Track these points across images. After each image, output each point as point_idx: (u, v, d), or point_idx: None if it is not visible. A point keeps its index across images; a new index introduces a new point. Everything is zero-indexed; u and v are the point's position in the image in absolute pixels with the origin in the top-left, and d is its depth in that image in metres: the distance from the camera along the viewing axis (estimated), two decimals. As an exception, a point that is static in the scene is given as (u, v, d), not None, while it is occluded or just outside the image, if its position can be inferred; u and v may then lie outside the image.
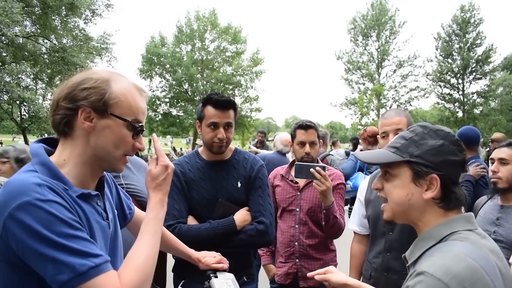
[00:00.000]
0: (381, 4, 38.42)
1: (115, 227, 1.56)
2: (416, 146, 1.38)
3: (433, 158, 1.35)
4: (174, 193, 2.51)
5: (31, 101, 19.75)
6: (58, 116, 1.37)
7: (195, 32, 36.94)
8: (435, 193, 1.34)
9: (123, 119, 1.39)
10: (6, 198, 1.19)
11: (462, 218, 1.36)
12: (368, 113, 37.43)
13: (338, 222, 2.96)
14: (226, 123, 2.49)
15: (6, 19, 16.20)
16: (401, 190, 1.39)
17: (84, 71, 1.43)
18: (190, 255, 2.11)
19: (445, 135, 1.39)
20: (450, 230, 1.33)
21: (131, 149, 1.45)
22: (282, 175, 3.28)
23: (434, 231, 1.35)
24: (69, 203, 1.25)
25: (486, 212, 2.63)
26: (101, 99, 1.35)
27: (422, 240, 1.37)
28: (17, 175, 1.29)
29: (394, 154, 1.41)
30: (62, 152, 1.39)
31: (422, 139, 1.38)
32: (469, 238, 1.29)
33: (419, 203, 1.37)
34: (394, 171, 1.41)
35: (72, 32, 24.14)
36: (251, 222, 2.48)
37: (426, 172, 1.34)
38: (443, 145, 1.36)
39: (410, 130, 1.45)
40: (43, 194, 1.19)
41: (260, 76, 37.46)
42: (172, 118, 37.28)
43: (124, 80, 1.44)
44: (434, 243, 1.33)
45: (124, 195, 1.79)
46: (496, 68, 36.59)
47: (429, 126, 1.42)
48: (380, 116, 2.81)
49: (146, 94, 1.51)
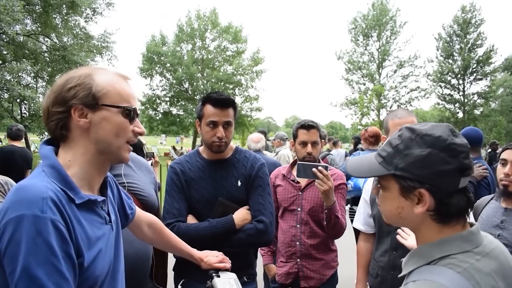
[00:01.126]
0: (382, 4, 38.48)
1: (117, 229, 1.55)
2: (401, 158, 1.21)
3: (418, 171, 1.18)
4: (174, 192, 2.51)
5: (32, 100, 19.75)
6: (52, 122, 1.37)
7: (196, 31, 36.97)
8: (425, 207, 1.20)
9: (116, 106, 1.39)
10: (11, 204, 1.20)
11: (459, 238, 1.21)
12: (368, 113, 37.51)
13: (340, 222, 2.96)
14: (225, 122, 2.48)
15: (7, 17, 16.20)
16: (391, 203, 1.27)
17: (65, 74, 1.42)
18: (192, 254, 2.10)
19: (433, 141, 1.19)
20: (441, 253, 1.19)
21: (132, 135, 1.45)
22: (284, 175, 3.27)
23: (426, 251, 1.23)
24: (66, 219, 1.24)
25: (489, 215, 2.58)
26: (89, 93, 1.35)
27: (414, 256, 1.27)
28: (28, 180, 1.29)
29: (380, 165, 1.27)
30: (65, 154, 1.38)
31: (407, 148, 1.21)
32: (460, 265, 1.15)
33: (411, 216, 1.24)
34: (383, 182, 1.29)
35: (72, 31, 24.13)
36: (250, 221, 2.46)
37: (413, 187, 1.19)
38: (429, 155, 1.17)
39: (398, 135, 1.27)
40: (43, 209, 1.18)
41: (261, 76, 37.52)
42: (172, 117, 37.29)
43: (105, 72, 1.44)
44: (423, 263, 1.21)
45: (125, 195, 1.78)
46: (497, 69, 36.67)
47: (417, 130, 1.22)
48: (390, 115, 2.80)
49: (131, 80, 1.52)
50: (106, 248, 1.41)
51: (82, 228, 1.30)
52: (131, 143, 1.48)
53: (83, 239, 1.29)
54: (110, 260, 1.44)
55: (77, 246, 1.26)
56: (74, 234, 1.26)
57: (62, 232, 1.21)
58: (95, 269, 1.33)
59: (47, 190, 1.23)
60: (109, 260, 1.44)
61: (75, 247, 1.26)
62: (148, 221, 1.97)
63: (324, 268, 3.11)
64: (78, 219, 1.30)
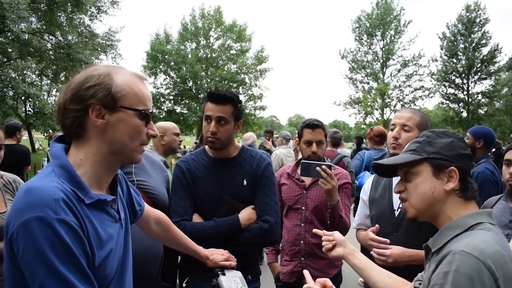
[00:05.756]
0: (386, 3, 38.40)
1: (126, 226, 1.56)
2: (431, 145, 1.56)
3: (448, 153, 1.53)
4: (179, 190, 2.51)
5: (36, 97, 19.84)
6: (68, 119, 1.36)
7: (200, 29, 36.98)
8: (455, 183, 1.50)
9: (134, 109, 1.39)
10: (23, 206, 1.20)
11: (485, 212, 1.50)
12: (372, 113, 37.41)
13: (344, 221, 2.96)
14: (218, 117, 2.44)
15: (13, 15, 16.25)
16: (425, 185, 1.54)
17: (83, 71, 1.41)
18: (198, 252, 2.11)
19: (452, 134, 1.59)
20: (475, 221, 1.45)
21: (146, 137, 1.46)
22: (289, 174, 3.28)
23: (461, 221, 1.47)
24: (79, 218, 1.26)
25: (497, 215, 2.58)
26: (108, 94, 1.34)
27: (448, 229, 1.48)
28: (39, 180, 1.29)
29: (412, 155, 1.58)
30: (77, 153, 1.38)
31: (434, 139, 1.58)
32: (493, 230, 1.42)
33: (442, 195, 1.51)
34: (415, 170, 1.57)
35: (77, 29, 24.23)
36: (256, 221, 2.46)
37: (445, 165, 1.51)
38: (453, 142, 1.55)
39: (420, 136, 1.64)
40: (56, 211, 1.19)
41: (265, 75, 37.49)
42: (176, 115, 37.28)
43: (124, 72, 1.43)
44: (460, 231, 1.43)
45: (134, 191, 1.79)
46: (501, 69, 36.53)
47: (436, 130, 1.62)
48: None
49: (147, 81, 1.51)
50: (116, 247, 1.43)
51: (94, 228, 1.32)
52: (144, 145, 1.49)
53: (95, 239, 1.31)
54: (119, 258, 1.46)
55: (89, 245, 1.28)
56: (87, 233, 1.28)
57: (77, 232, 1.23)
58: (105, 268, 1.35)
59: (59, 191, 1.23)
60: (118, 258, 1.45)
61: (88, 246, 1.27)
62: (156, 217, 1.98)
63: (328, 267, 3.12)
64: (89, 218, 1.31)
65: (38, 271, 1.16)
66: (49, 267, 1.16)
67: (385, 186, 2.59)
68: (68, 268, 1.18)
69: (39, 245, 1.16)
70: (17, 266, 1.20)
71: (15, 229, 1.18)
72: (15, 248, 1.19)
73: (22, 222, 1.17)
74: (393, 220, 2.45)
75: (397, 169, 1.64)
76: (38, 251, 1.16)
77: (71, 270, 1.19)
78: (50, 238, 1.17)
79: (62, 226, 1.19)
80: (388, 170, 1.69)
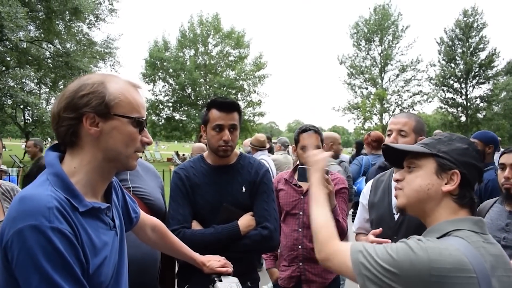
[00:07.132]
0: (384, 8, 38.58)
1: (122, 233, 1.57)
2: (445, 145, 1.55)
3: (458, 157, 1.51)
4: (178, 198, 2.51)
5: (35, 106, 19.88)
6: (62, 128, 1.37)
7: (198, 36, 37.15)
8: (453, 187, 1.48)
9: (128, 117, 1.40)
10: (17, 214, 1.21)
11: (470, 220, 1.46)
12: (371, 118, 37.52)
13: (341, 226, 2.96)
14: (231, 125, 2.48)
15: (11, 24, 16.33)
16: (423, 180, 1.53)
17: (76, 80, 1.42)
18: (194, 258, 2.11)
19: (470, 142, 1.56)
20: (453, 227, 1.43)
21: (140, 145, 1.47)
22: (286, 179, 3.29)
23: (442, 226, 1.46)
24: (73, 226, 1.26)
25: (494, 218, 2.58)
26: (102, 102, 1.35)
27: (430, 232, 1.49)
28: (33, 189, 1.29)
29: (423, 148, 1.57)
30: (71, 161, 1.39)
31: (450, 140, 1.56)
32: (470, 238, 1.37)
33: (437, 194, 1.51)
34: (420, 162, 1.56)
35: (75, 37, 24.30)
36: (255, 227, 2.46)
37: (450, 166, 1.49)
38: (468, 149, 1.53)
39: (441, 134, 1.62)
40: (50, 219, 1.20)
41: (263, 81, 37.69)
42: (175, 122, 37.38)
43: (118, 80, 1.44)
44: (438, 236, 1.43)
45: (130, 198, 1.79)
46: (499, 73, 36.66)
47: (457, 135, 1.60)
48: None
49: (141, 89, 1.52)
50: (110, 254, 1.43)
51: (88, 236, 1.32)
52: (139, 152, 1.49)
53: (89, 246, 1.31)
54: (114, 265, 1.46)
55: (83, 253, 1.28)
56: (81, 241, 1.28)
57: (71, 240, 1.23)
58: (100, 275, 1.35)
59: (52, 200, 1.24)
60: (113, 265, 1.45)
61: (83, 254, 1.28)
62: (152, 224, 1.98)
63: (326, 271, 3.11)
64: (83, 226, 1.31)
65: (32, 279, 1.17)
66: (42, 275, 1.17)
67: (385, 190, 2.60)
68: (62, 275, 1.19)
69: (33, 253, 1.16)
70: (11, 274, 1.21)
71: (10, 237, 1.19)
72: (10, 256, 1.19)
73: (16, 230, 1.18)
74: (392, 224, 2.45)
75: (405, 157, 1.64)
76: (32, 259, 1.17)
77: (64, 278, 1.19)
78: (43, 246, 1.17)
79: (55, 234, 1.20)
80: (397, 157, 1.69)
